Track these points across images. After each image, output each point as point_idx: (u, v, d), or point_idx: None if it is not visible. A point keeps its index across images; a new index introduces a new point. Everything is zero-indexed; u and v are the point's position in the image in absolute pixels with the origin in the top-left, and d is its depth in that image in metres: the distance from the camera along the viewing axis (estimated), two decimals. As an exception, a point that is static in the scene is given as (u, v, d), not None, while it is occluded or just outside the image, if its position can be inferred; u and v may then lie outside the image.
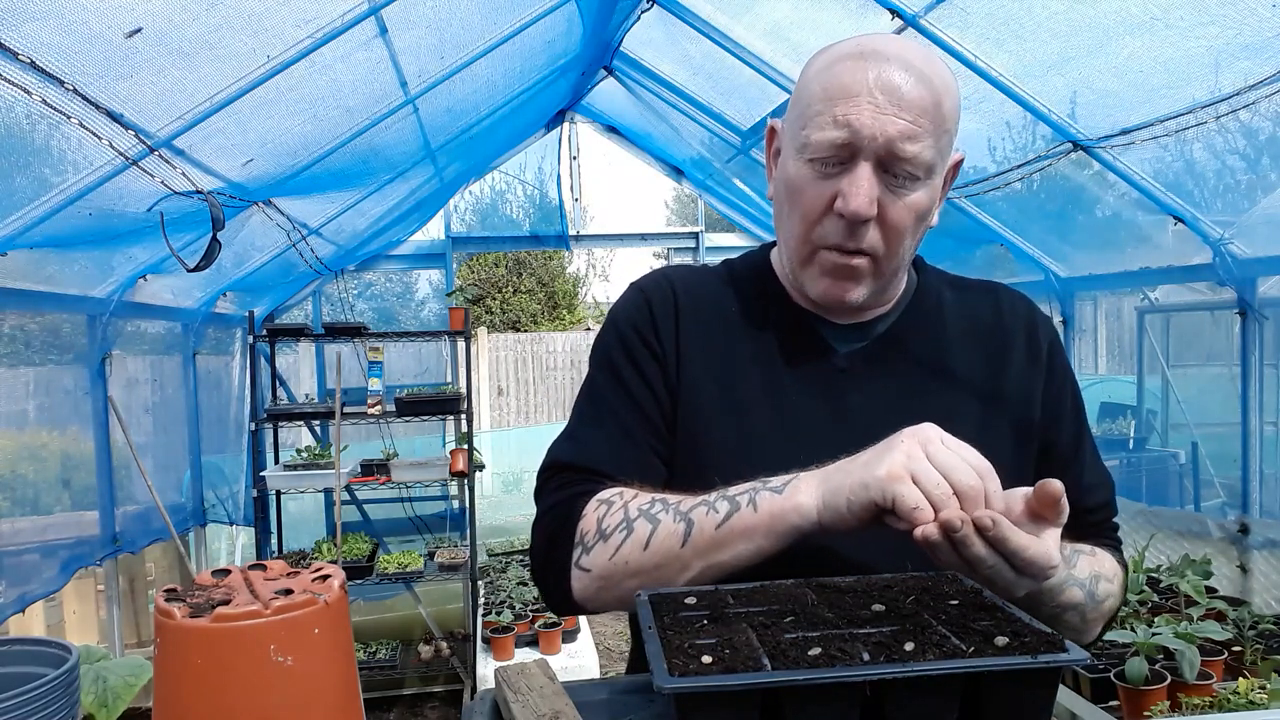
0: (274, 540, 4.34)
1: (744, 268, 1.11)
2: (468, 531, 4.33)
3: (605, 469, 0.99)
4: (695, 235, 5.58)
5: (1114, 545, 1.08)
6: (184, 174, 2.21)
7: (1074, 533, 0.91)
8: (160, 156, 2.07)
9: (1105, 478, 1.08)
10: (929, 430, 0.79)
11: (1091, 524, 1.05)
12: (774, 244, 1.13)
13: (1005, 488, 0.95)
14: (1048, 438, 1.04)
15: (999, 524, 0.73)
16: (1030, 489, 0.78)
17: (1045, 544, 0.75)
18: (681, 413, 1.01)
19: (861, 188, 0.89)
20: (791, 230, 0.97)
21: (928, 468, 0.76)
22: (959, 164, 0.99)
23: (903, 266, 1.00)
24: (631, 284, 1.10)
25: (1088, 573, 0.94)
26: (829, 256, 0.95)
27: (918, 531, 0.76)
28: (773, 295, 1.06)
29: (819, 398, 1.00)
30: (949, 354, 1.03)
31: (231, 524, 4.34)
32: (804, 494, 0.83)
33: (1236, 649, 2.34)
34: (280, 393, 4.65)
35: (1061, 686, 2.34)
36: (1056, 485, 0.75)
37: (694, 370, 1.01)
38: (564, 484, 1.00)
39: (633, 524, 0.91)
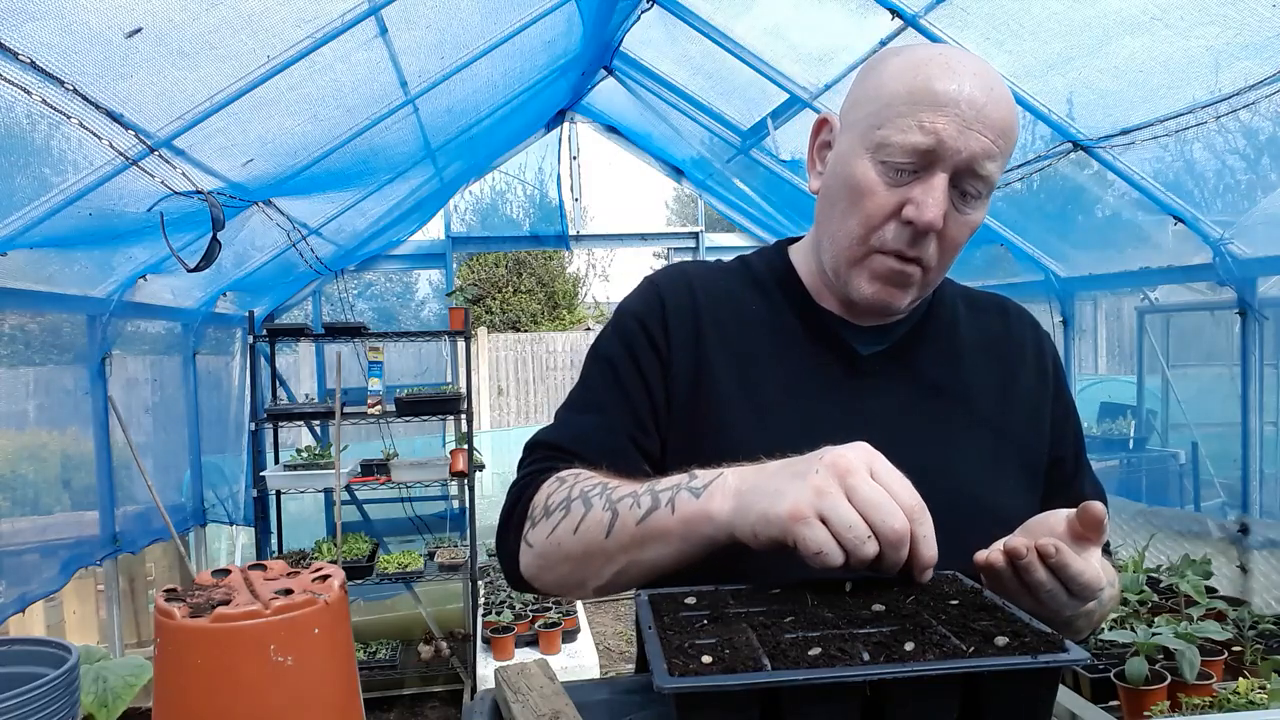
0: (274, 540, 4.34)
1: (762, 266, 1.10)
2: (468, 531, 4.32)
3: (578, 450, 0.98)
4: (695, 235, 5.58)
5: (1106, 548, 1.10)
6: (184, 174, 2.21)
7: None
8: (160, 156, 2.07)
9: (1100, 487, 1.10)
10: (853, 456, 0.71)
11: None
12: (788, 242, 1.12)
13: (1015, 501, 0.96)
14: (1054, 453, 1.06)
15: (1061, 551, 0.74)
16: (1071, 511, 0.79)
17: (1094, 565, 0.77)
18: (701, 410, 1.00)
19: (938, 199, 0.88)
20: (846, 229, 0.95)
21: (840, 506, 0.69)
22: None
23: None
24: (646, 277, 1.10)
25: None
26: (885, 261, 0.94)
27: (978, 557, 0.78)
28: (794, 295, 1.06)
29: (841, 399, 1.00)
30: (964, 363, 1.04)
31: (231, 524, 4.34)
32: (718, 502, 0.77)
33: (1236, 649, 2.34)
34: (280, 393, 4.65)
35: (1061, 686, 2.33)
36: (1099, 508, 0.76)
37: (713, 368, 1.01)
38: (535, 460, 1.01)
39: (571, 505, 0.88)
